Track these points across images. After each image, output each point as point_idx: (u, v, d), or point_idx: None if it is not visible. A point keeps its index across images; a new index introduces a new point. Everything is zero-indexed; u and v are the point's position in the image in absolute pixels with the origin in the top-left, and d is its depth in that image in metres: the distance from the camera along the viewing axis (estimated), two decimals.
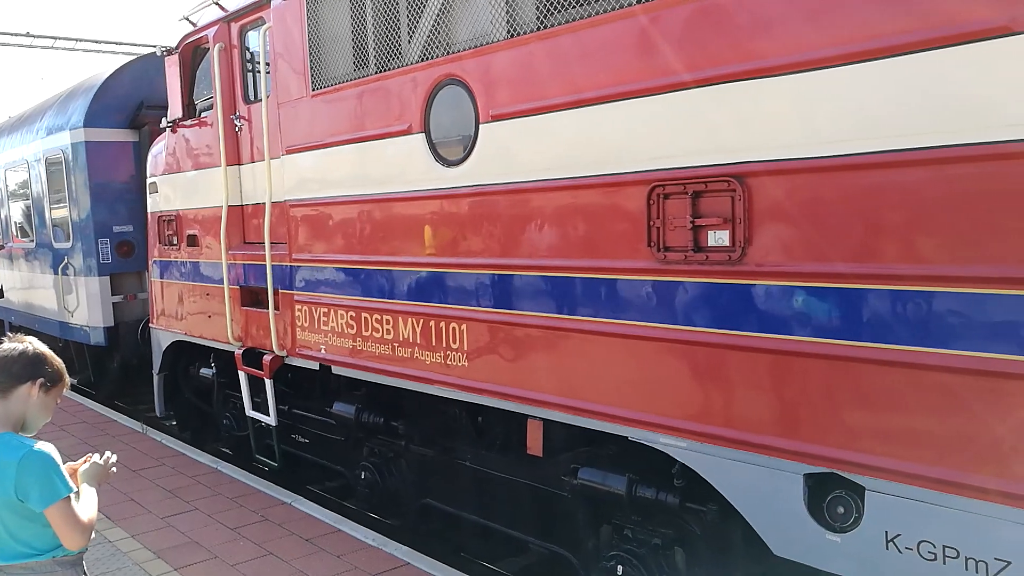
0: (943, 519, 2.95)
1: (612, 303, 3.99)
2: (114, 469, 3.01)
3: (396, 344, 5.26)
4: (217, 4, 6.86)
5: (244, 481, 6.99)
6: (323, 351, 5.93)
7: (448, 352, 4.88)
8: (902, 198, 2.96)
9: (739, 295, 3.50)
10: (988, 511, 2.84)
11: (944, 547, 2.97)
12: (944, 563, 2.97)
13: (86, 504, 2.79)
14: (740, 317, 3.50)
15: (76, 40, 24.56)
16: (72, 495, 2.70)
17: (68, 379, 2.94)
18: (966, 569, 2.91)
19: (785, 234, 3.34)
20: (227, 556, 5.44)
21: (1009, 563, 2.81)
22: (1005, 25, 2.67)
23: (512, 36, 4.33)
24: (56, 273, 10.87)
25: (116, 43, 25.25)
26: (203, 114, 7.27)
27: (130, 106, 10.12)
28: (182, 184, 7.63)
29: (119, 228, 10.12)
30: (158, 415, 8.89)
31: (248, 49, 6.70)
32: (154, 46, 8.31)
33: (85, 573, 2.90)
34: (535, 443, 4.61)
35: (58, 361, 2.88)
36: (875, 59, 2.97)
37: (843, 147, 3.09)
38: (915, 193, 2.94)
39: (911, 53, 2.88)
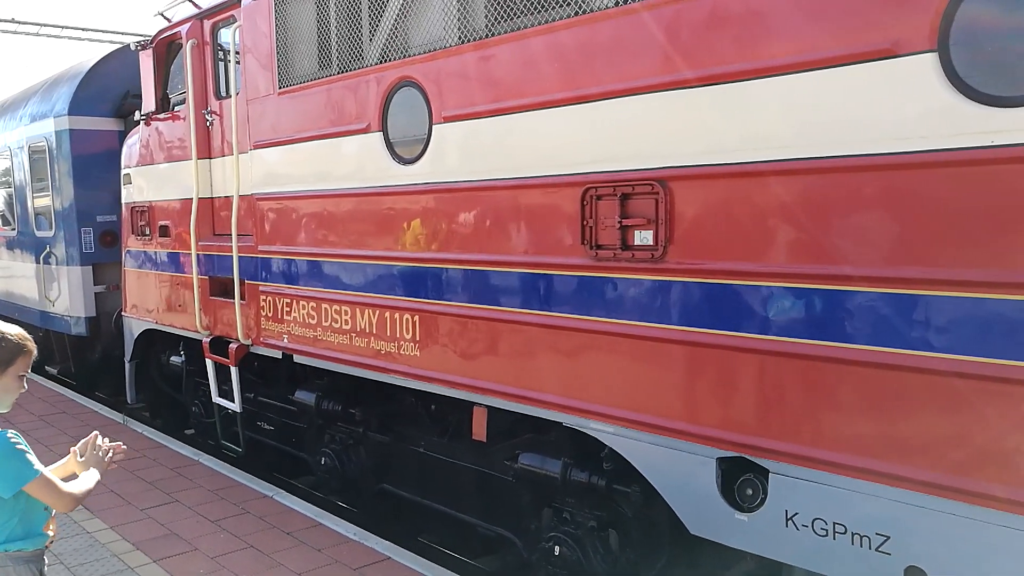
0: (832, 498, 3.22)
1: (549, 297, 4.23)
2: (116, 458, 3.10)
3: (354, 334, 5.49)
4: (191, 1, 7.05)
5: (225, 473, 7.06)
6: (286, 340, 6.15)
7: (401, 342, 5.11)
8: (790, 203, 3.23)
9: (661, 290, 3.75)
10: (871, 490, 3.11)
11: (834, 524, 3.23)
12: (834, 538, 3.23)
13: (80, 480, 2.89)
14: (662, 311, 3.75)
15: (62, 27, 24.52)
16: (42, 475, 2.76)
17: (30, 347, 2.86)
18: (852, 544, 3.17)
19: (701, 234, 3.59)
20: (207, 548, 5.49)
21: (888, 537, 3.08)
22: (887, 48, 2.93)
23: (463, 42, 4.55)
24: (38, 262, 10.87)
25: (102, 31, 25.26)
26: (176, 108, 7.45)
27: (116, 95, 10.09)
28: (155, 176, 7.82)
29: (102, 217, 10.07)
30: (128, 402, 9.04)
31: (220, 46, 6.89)
32: (141, 35, 8.40)
33: (43, 573, 2.92)
34: (480, 429, 4.86)
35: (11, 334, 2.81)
36: (764, 77, 3.24)
37: (739, 155, 3.36)
38: (800, 198, 3.23)
39: (796, 72, 3.15)
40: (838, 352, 3.16)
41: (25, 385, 2.89)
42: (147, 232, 7.97)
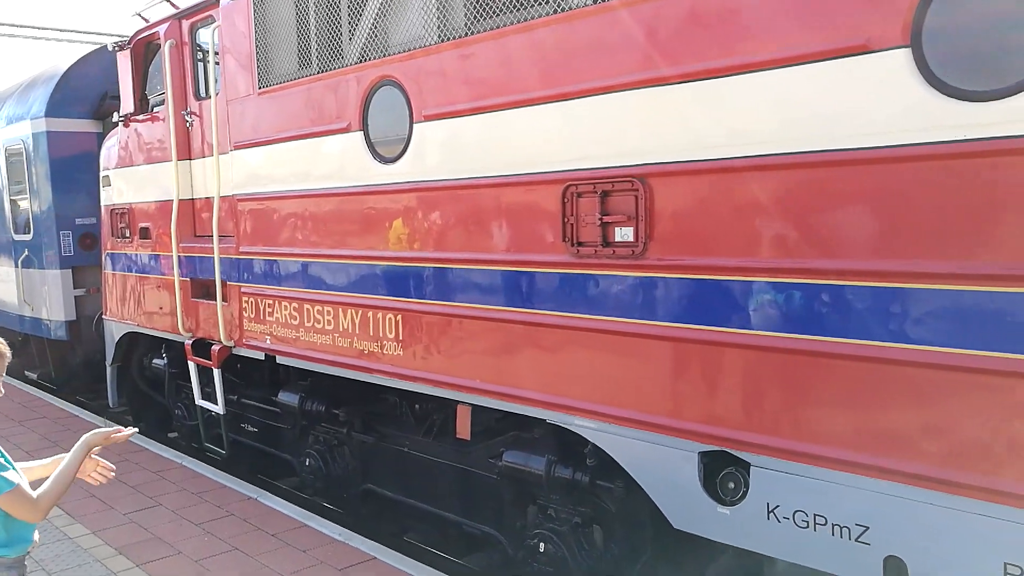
0: (813, 490, 3.25)
1: (532, 294, 4.24)
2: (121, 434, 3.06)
3: (336, 334, 5.47)
4: (169, 1, 7.01)
5: (209, 476, 7.03)
6: (268, 341, 6.13)
7: (383, 341, 5.10)
8: (768, 198, 3.26)
9: (642, 287, 3.77)
10: (850, 482, 3.14)
11: (815, 515, 3.26)
12: (815, 530, 3.26)
13: (48, 485, 2.90)
14: (643, 307, 3.77)
15: (38, 28, 24.23)
16: (17, 488, 2.79)
17: (3, 350, 2.92)
18: (832, 535, 3.21)
19: (681, 230, 3.61)
20: (192, 552, 5.47)
21: (868, 528, 3.11)
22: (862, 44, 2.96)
23: (443, 41, 4.55)
24: (16, 265, 10.78)
25: (80, 32, 24.97)
26: (155, 109, 7.40)
27: (93, 96, 10.04)
28: (134, 178, 7.76)
29: (81, 220, 10.03)
30: (110, 406, 8.98)
31: (199, 46, 6.85)
32: (119, 36, 8.33)
33: None
34: (464, 428, 4.86)
35: None
36: (742, 73, 3.27)
37: (717, 152, 3.39)
38: (778, 193, 3.26)
39: (773, 69, 3.17)
40: (817, 346, 3.19)
41: (1, 389, 2.91)
42: (127, 234, 7.92)
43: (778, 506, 3.38)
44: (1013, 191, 2.70)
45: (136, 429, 3.21)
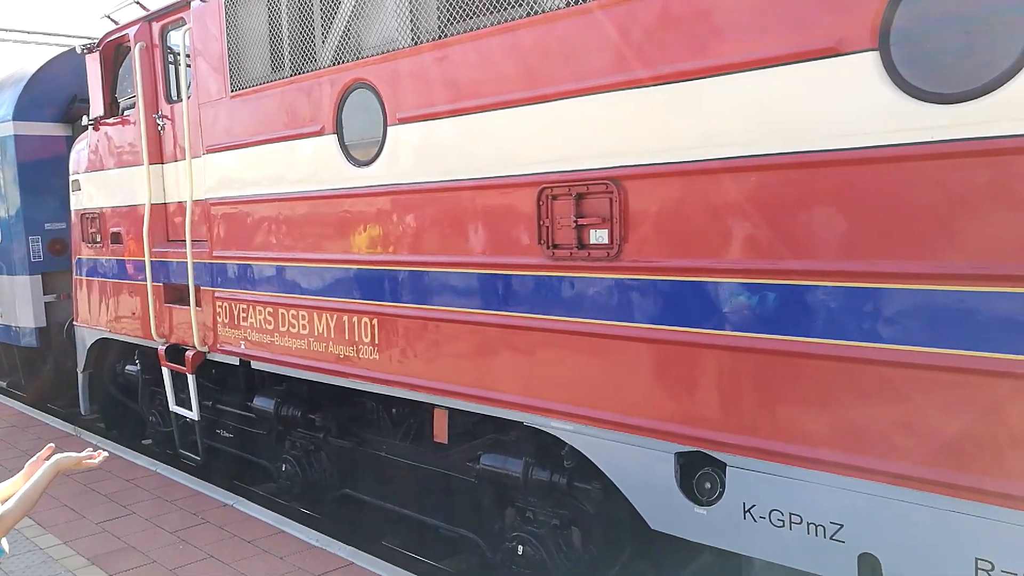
0: (788, 489, 3.28)
1: (508, 297, 4.24)
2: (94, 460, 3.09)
3: (311, 338, 5.44)
4: (138, 3, 6.92)
5: (184, 483, 6.96)
6: (243, 346, 6.07)
7: (359, 345, 5.08)
8: (741, 200, 3.28)
9: (617, 288, 3.78)
10: (824, 480, 3.17)
11: (790, 514, 3.29)
12: (790, 529, 3.29)
13: (12, 502, 2.90)
14: (619, 309, 3.78)
15: (6, 31, 23.85)
16: None
17: None
18: (807, 533, 3.23)
19: (655, 232, 3.62)
20: (166, 560, 5.40)
21: (842, 526, 3.14)
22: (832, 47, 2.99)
23: (416, 43, 4.53)
24: None
25: (48, 34, 24.59)
26: (126, 112, 7.31)
27: (62, 99, 9.89)
28: (105, 182, 7.66)
29: (51, 225, 9.86)
30: (82, 413, 8.84)
31: (170, 49, 6.77)
32: (88, 38, 8.21)
33: None
34: (441, 431, 4.85)
35: None
36: (716, 75, 3.29)
37: (691, 153, 3.40)
38: (751, 195, 3.28)
39: (747, 71, 3.20)
40: (791, 346, 3.22)
41: None
42: (98, 239, 7.81)
43: (754, 505, 3.40)
44: (979, 192, 2.74)
45: (107, 454, 3.16)
